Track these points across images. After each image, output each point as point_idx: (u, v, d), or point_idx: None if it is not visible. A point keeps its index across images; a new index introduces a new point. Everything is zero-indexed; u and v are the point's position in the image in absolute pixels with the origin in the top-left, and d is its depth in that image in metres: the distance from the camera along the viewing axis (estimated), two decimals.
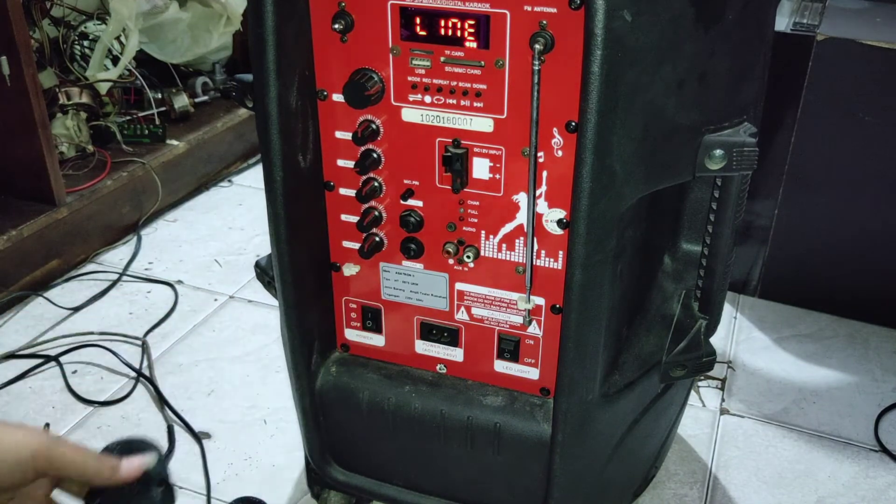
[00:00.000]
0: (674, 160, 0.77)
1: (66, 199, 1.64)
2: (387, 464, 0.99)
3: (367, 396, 0.93)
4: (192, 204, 1.99)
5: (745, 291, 1.61)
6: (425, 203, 0.84)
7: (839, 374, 1.40)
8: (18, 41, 1.47)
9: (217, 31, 2.11)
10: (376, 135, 0.82)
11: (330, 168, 0.86)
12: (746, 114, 0.81)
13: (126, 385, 1.36)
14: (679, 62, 0.72)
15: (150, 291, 1.63)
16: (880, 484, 1.19)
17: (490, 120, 0.77)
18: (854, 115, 1.36)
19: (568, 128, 0.74)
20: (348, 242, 0.89)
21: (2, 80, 1.50)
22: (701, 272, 0.90)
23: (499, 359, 0.90)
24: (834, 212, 1.46)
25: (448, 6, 0.73)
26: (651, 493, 1.16)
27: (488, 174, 0.80)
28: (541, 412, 0.88)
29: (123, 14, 1.86)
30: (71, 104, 1.81)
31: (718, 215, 0.84)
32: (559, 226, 0.79)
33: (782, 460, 1.23)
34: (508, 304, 0.86)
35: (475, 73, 0.75)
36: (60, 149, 1.74)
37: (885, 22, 1.43)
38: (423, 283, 0.89)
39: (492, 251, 0.84)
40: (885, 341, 1.48)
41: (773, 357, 1.45)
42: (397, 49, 0.77)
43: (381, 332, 0.94)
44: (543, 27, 0.71)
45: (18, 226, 1.55)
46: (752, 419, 1.31)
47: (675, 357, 0.90)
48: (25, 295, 1.57)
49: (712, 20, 0.72)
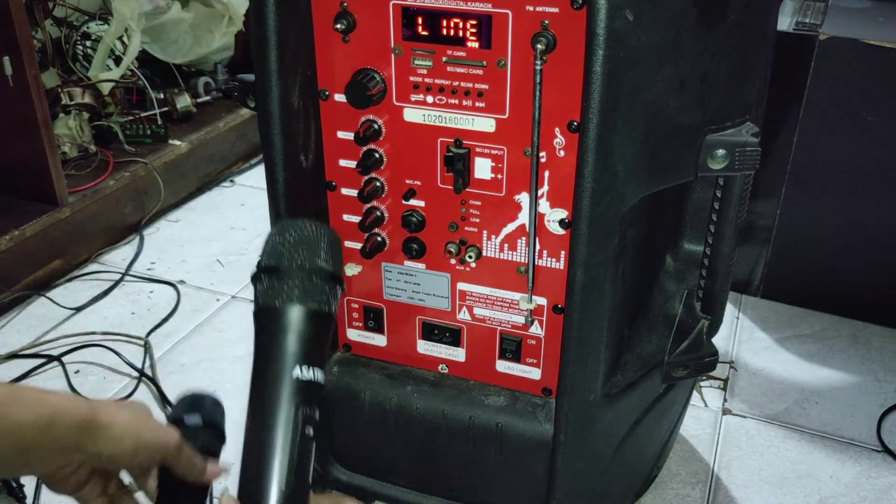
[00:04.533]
0: (676, 160, 0.77)
1: (69, 199, 1.64)
2: (389, 464, 0.99)
3: (368, 396, 0.93)
4: (194, 204, 1.99)
5: (748, 291, 1.61)
6: (427, 203, 0.84)
7: (841, 374, 1.40)
8: (21, 41, 1.47)
9: (219, 31, 2.11)
10: (378, 135, 0.81)
11: (332, 168, 0.86)
12: (748, 113, 0.81)
13: (128, 385, 1.37)
14: (681, 62, 0.71)
15: (152, 291, 1.63)
16: (882, 484, 1.19)
17: (492, 120, 0.77)
18: (856, 115, 1.36)
19: (570, 128, 0.74)
20: (350, 242, 0.89)
21: (4, 81, 1.50)
22: (703, 272, 0.90)
23: (500, 359, 0.90)
24: (836, 211, 1.45)
25: (450, 6, 0.73)
26: (653, 493, 1.16)
27: (490, 174, 0.80)
28: (542, 412, 0.88)
29: (125, 14, 1.86)
30: (73, 104, 1.81)
31: (720, 215, 0.83)
32: (561, 226, 0.79)
33: (784, 460, 1.23)
34: (510, 304, 0.86)
35: (477, 73, 0.75)
36: (63, 149, 1.74)
37: (888, 21, 1.43)
38: (424, 284, 0.89)
39: (494, 251, 0.84)
40: (888, 341, 1.48)
41: (775, 357, 1.44)
42: (399, 49, 0.77)
43: (383, 332, 0.94)
44: (545, 27, 0.71)
45: (21, 226, 1.55)
46: (755, 419, 1.30)
47: (677, 357, 0.90)
48: (28, 295, 1.57)
49: (714, 20, 0.72)
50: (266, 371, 0.51)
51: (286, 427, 0.50)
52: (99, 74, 1.89)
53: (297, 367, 0.51)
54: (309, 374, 0.51)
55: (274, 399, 0.50)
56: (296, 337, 0.51)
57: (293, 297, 0.51)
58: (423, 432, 0.93)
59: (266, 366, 0.51)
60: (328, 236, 0.54)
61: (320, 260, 0.53)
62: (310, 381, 0.51)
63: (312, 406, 0.51)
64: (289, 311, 0.51)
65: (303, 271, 0.52)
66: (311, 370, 0.51)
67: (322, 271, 0.52)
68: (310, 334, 0.52)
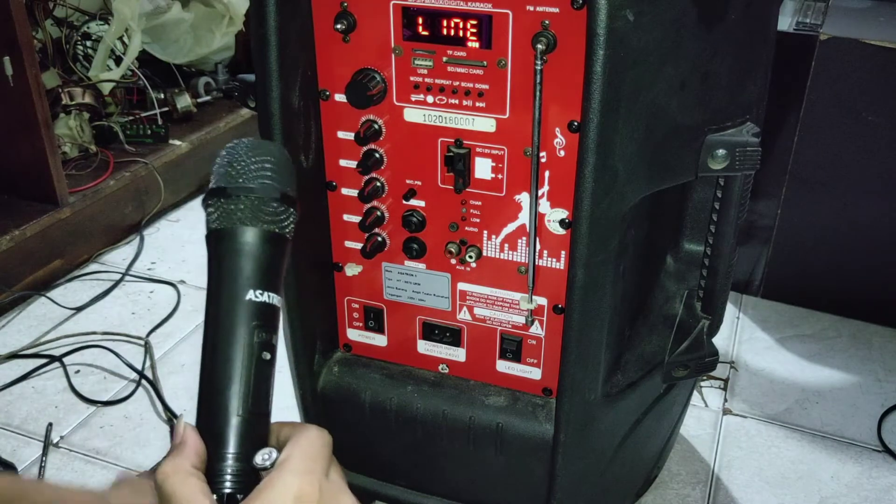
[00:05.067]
0: (676, 160, 0.77)
1: (69, 199, 1.64)
2: (389, 464, 0.99)
3: (369, 396, 0.93)
4: (194, 204, 1.99)
5: (748, 291, 1.61)
6: (427, 203, 0.84)
7: (842, 374, 1.40)
8: (21, 41, 1.47)
9: (219, 31, 2.11)
10: (378, 135, 0.81)
11: (332, 168, 0.86)
12: (749, 113, 0.81)
13: (128, 385, 1.37)
14: (681, 62, 0.71)
15: (152, 291, 1.63)
16: (883, 484, 1.19)
17: (492, 120, 0.77)
18: (857, 115, 1.36)
19: (570, 128, 0.74)
20: (350, 242, 0.89)
21: (5, 81, 1.50)
22: (703, 272, 0.90)
23: (501, 359, 0.90)
24: (837, 211, 1.45)
25: (450, 6, 0.73)
26: (653, 494, 1.16)
27: (490, 174, 0.80)
28: (543, 412, 0.88)
29: (126, 14, 1.86)
30: (74, 104, 1.81)
31: (721, 215, 0.83)
32: (561, 226, 0.79)
33: (785, 460, 1.23)
34: (511, 304, 0.86)
35: (477, 73, 0.75)
36: (63, 149, 1.74)
37: (888, 21, 1.43)
38: (425, 283, 0.89)
39: (494, 251, 0.84)
40: (889, 341, 1.48)
41: (776, 357, 1.44)
42: (399, 49, 0.77)
43: (384, 332, 0.94)
44: (546, 27, 0.71)
45: (21, 226, 1.55)
46: (755, 419, 1.30)
47: (678, 357, 0.89)
48: (28, 295, 1.58)
49: (715, 20, 0.72)
50: (220, 295, 0.50)
51: (242, 352, 0.49)
52: (99, 74, 1.90)
53: (252, 291, 0.50)
54: (264, 297, 0.50)
55: (228, 324, 0.49)
56: (249, 259, 0.50)
57: (244, 219, 0.50)
58: (423, 432, 0.93)
59: (219, 290, 0.50)
60: (276, 155, 0.53)
61: (268, 179, 0.51)
62: (264, 303, 0.50)
63: (269, 331, 0.50)
64: (239, 232, 0.50)
65: (250, 191, 0.51)
66: (266, 294, 0.50)
67: (270, 188, 0.51)
68: (264, 257, 0.50)
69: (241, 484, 0.48)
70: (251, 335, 0.49)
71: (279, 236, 0.52)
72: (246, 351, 0.49)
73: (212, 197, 0.51)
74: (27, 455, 1.22)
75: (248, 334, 0.49)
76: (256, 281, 0.50)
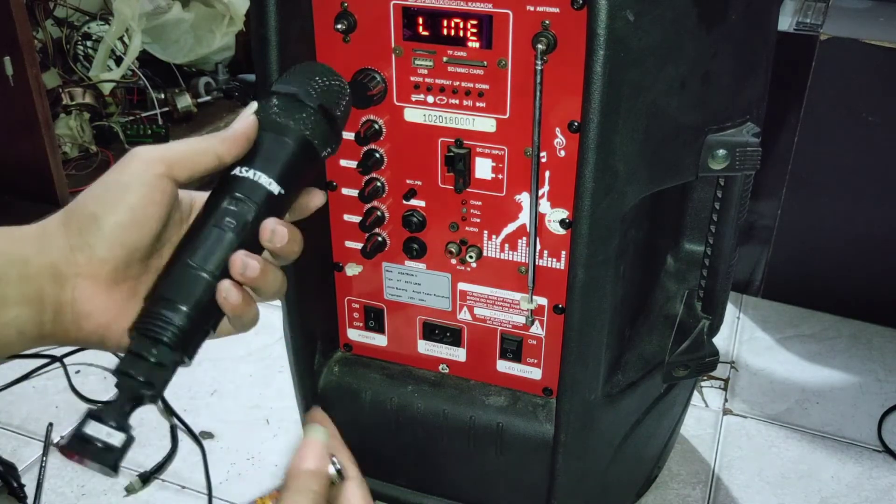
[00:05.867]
0: (677, 160, 0.77)
1: (70, 199, 1.64)
2: (389, 464, 0.99)
3: (369, 396, 0.93)
4: None
5: (749, 291, 1.61)
6: (428, 203, 0.84)
7: (842, 374, 1.40)
8: (22, 42, 1.47)
9: (220, 31, 2.11)
10: (379, 135, 0.82)
11: (332, 168, 0.86)
12: (749, 114, 0.81)
13: None
14: (682, 62, 0.71)
15: None
16: (883, 484, 1.19)
17: (492, 120, 0.77)
18: (857, 115, 1.36)
19: (570, 128, 0.74)
20: (351, 242, 0.89)
21: (5, 81, 1.50)
22: (704, 272, 0.90)
23: (501, 359, 0.90)
24: (837, 211, 1.45)
25: (451, 6, 0.73)
26: (654, 494, 1.16)
27: (491, 174, 0.80)
28: (543, 412, 0.88)
29: (126, 14, 1.86)
30: (74, 104, 1.81)
31: (721, 215, 0.83)
32: (562, 226, 0.79)
33: (785, 461, 1.23)
34: (511, 304, 0.86)
35: (478, 74, 0.75)
36: (64, 149, 1.74)
37: (889, 21, 1.43)
38: (425, 283, 0.89)
39: (494, 251, 0.84)
40: (889, 341, 1.48)
41: (776, 357, 1.44)
42: (400, 49, 0.77)
43: (384, 332, 0.94)
44: (546, 27, 0.71)
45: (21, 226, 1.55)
46: (756, 419, 1.30)
47: (678, 357, 0.90)
48: None
49: (715, 20, 0.72)
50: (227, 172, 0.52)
51: (212, 215, 0.50)
52: (100, 74, 1.90)
53: (252, 171, 0.51)
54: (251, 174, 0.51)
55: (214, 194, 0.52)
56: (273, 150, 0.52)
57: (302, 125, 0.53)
58: (423, 432, 0.93)
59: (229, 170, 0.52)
60: (336, 83, 0.55)
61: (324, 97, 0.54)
62: (247, 178, 0.51)
63: (249, 205, 0.50)
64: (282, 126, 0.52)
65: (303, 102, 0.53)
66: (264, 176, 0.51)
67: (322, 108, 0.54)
68: (289, 156, 0.52)
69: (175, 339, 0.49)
70: (223, 201, 0.51)
71: (311, 147, 0.54)
72: (213, 213, 0.51)
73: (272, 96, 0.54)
74: (27, 455, 1.22)
75: (222, 200, 0.51)
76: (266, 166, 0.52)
